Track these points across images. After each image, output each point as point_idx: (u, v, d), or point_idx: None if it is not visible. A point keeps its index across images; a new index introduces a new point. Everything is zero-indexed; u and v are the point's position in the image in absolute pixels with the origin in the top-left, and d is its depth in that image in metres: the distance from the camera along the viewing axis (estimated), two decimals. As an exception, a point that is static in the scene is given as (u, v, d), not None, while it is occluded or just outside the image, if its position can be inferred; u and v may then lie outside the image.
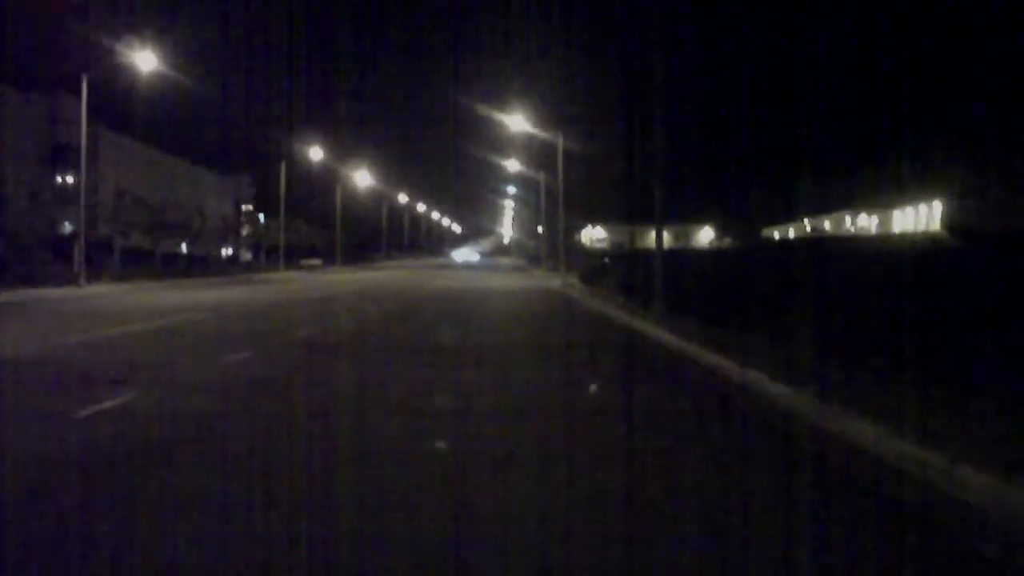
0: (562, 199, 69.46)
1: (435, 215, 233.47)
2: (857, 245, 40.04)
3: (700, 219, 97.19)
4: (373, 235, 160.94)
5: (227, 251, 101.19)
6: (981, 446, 8.97)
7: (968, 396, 11.48)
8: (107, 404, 12.38)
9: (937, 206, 61.77)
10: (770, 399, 13.01)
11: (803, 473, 9.44)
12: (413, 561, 6.53)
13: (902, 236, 56.99)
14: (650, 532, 7.34)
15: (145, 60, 50.42)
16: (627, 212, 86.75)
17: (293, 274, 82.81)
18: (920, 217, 67.19)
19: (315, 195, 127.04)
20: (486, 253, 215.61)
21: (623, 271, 44.00)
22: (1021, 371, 11.99)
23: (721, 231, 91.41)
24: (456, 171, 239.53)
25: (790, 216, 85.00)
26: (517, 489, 8.55)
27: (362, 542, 6.95)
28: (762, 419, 12.25)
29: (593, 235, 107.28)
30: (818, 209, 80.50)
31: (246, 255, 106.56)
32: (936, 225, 57.97)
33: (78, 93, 50.15)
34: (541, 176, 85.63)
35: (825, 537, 7.27)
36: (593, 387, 15.28)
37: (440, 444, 10.46)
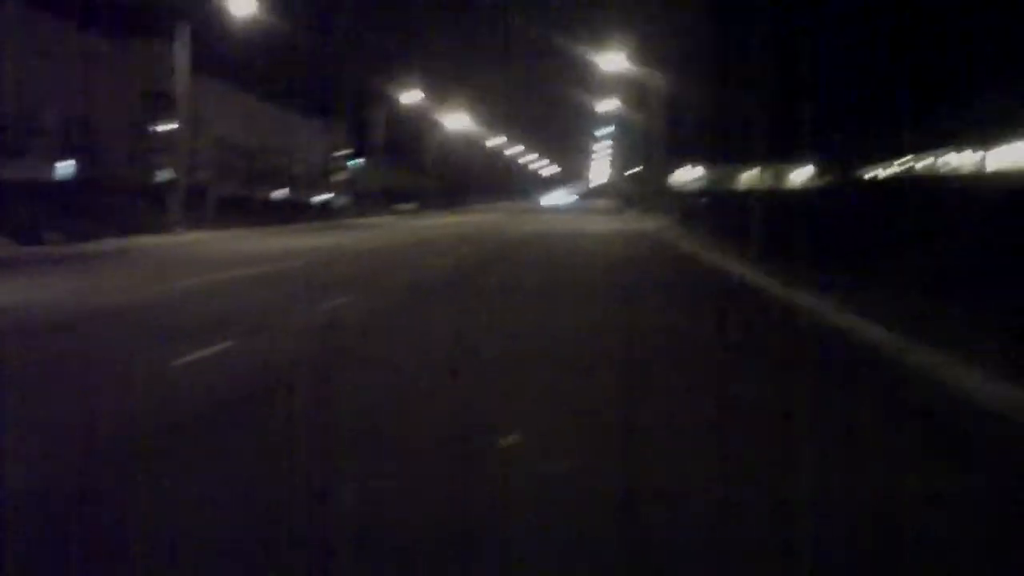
0: (658, 140, 68.77)
1: (529, 157, 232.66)
2: (960, 183, 39.06)
3: (798, 158, 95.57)
4: (467, 179, 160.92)
5: (323, 196, 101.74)
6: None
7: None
8: (207, 351, 12.43)
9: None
10: (875, 345, 12.70)
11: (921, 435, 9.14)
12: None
13: (1006, 174, 55.54)
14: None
15: (241, 5, 50.69)
16: (724, 152, 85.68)
17: (389, 219, 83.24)
18: (1020, 155, 65.42)
19: (410, 139, 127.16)
20: (581, 195, 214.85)
21: (720, 213, 43.48)
22: None
23: (820, 171, 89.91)
24: (551, 112, 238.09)
25: (890, 155, 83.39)
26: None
27: (455, 487, 6.86)
28: (862, 364, 11.96)
29: (689, 175, 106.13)
30: (919, 148, 78.84)
31: (342, 200, 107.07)
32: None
33: (174, 40, 50.54)
34: (636, 117, 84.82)
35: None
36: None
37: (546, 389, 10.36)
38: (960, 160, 72.99)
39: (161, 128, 75.18)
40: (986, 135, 66.12)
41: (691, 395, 10.24)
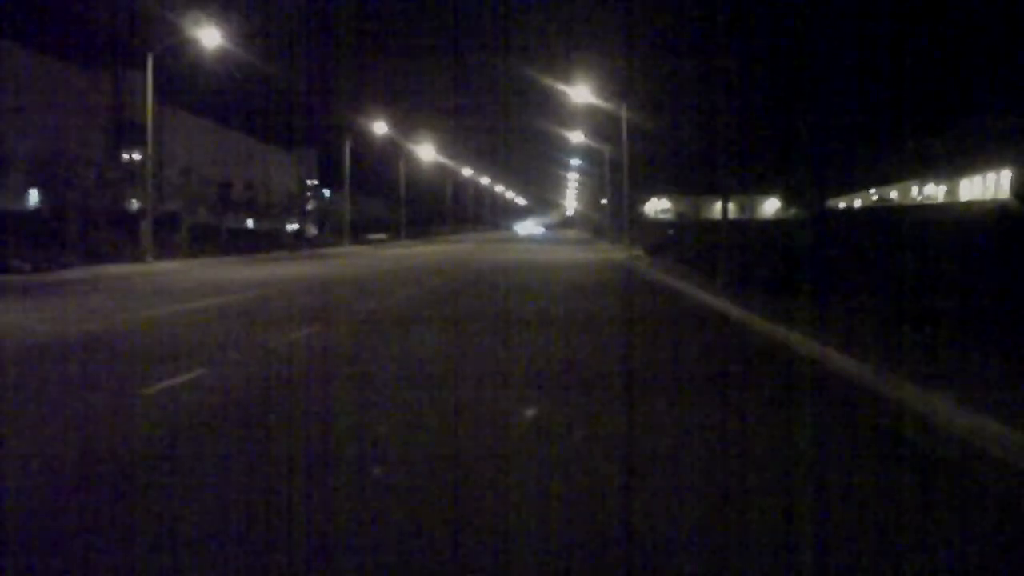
0: (626, 171, 69.05)
1: (499, 188, 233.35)
2: (923, 214, 39.48)
3: (766, 189, 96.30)
4: (437, 208, 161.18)
5: (293, 226, 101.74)
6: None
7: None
8: (175, 380, 12.49)
9: (1006, 174, 60.79)
10: (836, 371, 12.85)
11: (881, 458, 9.25)
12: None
13: (969, 204, 56.17)
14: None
15: (209, 36, 50.70)
16: (692, 183, 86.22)
17: (358, 248, 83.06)
18: (988, 185, 66.20)
19: (379, 169, 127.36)
20: (550, 226, 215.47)
21: (688, 243, 43.72)
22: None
23: (787, 202, 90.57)
24: (520, 143, 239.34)
25: (856, 186, 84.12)
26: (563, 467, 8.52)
27: (412, 510, 6.97)
28: (832, 393, 12.09)
29: (658, 206, 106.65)
30: (884, 179, 79.67)
31: (311, 230, 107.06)
32: (1005, 193, 57.03)
33: (143, 70, 50.63)
34: (605, 148, 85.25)
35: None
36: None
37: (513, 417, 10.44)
38: (927, 191, 73.65)
39: (130, 158, 75.27)
40: (953, 167, 66.81)
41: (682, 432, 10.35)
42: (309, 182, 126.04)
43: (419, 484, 7.83)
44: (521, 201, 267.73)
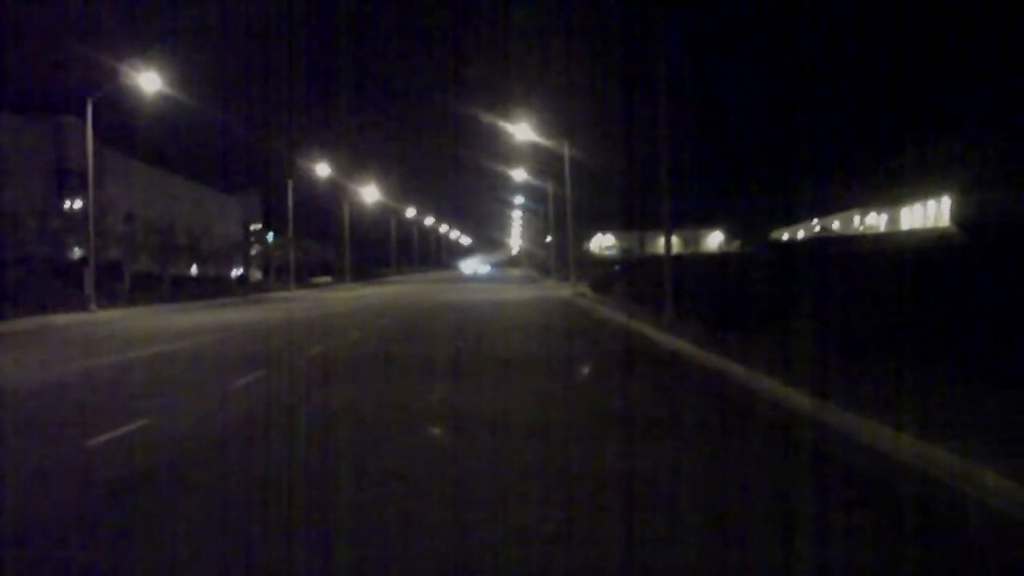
0: (570, 208, 69.30)
1: (443, 228, 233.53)
2: (863, 244, 39.90)
3: (709, 223, 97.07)
4: (382, 250, 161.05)
5: (237, 271, 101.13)
6: (993, 443, 8.90)
7: (978, 392, 11.43)
8: (119, 431, 12.36)
9: (946, 201, 61.59)
10: (778, 402, 12.95)
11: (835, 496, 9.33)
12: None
13: (909, 233, 56.86)
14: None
15: (149, 81, 50.45)
16: (636, 218, 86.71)
17: (303, 292, 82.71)
18: (929, 213, 67.05)
19: (323, 212, 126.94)
20: (496, 264, 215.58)
21: (633, 278, 43.90)
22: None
23: (731, 235, 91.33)
24: (463, 183, 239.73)
25: (799, 217, 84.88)
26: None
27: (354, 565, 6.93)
28: (771, 423, 12.17)
29: (603, 242, 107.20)
30: (827, 209, 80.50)
31: (256, 274, 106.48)
32: (946, 221, 57.75)
33: (83, 116, 50.27)
34: (548, 185, 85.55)
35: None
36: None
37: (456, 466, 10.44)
38: (869, 221, 74.46)
39: (71, 205, 74.61)
40: (895, 196, 67.60)
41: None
42: (253, 226, 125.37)
43: (370, 537, 7.82)
44: (467, 240, 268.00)
